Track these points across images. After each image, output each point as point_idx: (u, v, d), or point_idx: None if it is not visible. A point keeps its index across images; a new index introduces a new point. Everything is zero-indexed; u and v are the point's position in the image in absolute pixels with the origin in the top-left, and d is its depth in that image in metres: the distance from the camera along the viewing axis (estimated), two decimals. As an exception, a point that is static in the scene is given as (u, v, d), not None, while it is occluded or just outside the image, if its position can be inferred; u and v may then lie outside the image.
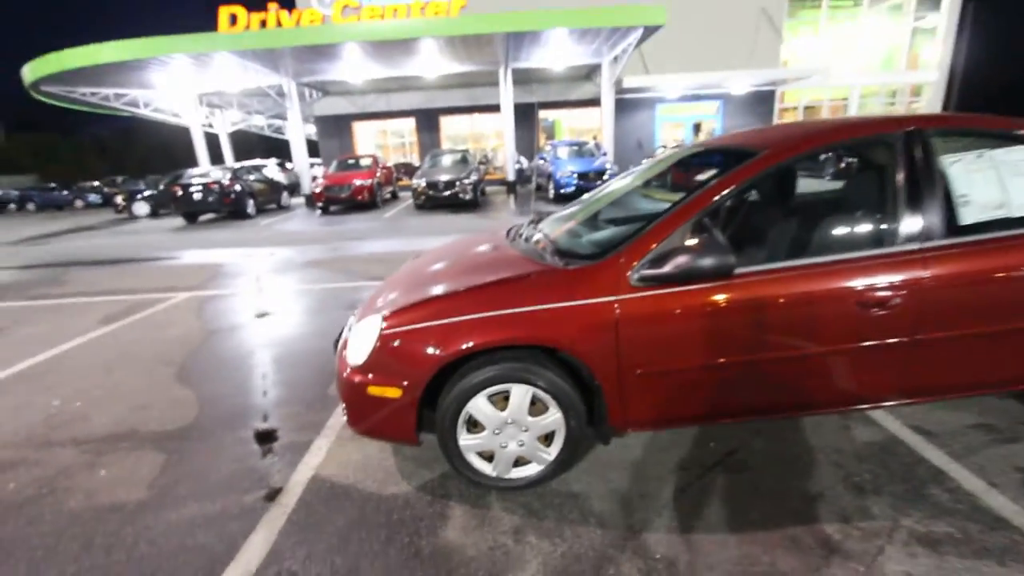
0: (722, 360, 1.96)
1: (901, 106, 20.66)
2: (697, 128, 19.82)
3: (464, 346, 1.92)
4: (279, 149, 26.05)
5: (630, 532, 1.88)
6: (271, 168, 18.51)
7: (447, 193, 12.51)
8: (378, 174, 14.29)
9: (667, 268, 1.84)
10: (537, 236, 2.54)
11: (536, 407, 2.02)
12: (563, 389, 1.97)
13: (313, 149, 19.24)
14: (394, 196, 16.30)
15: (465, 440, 2.05)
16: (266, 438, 2.64)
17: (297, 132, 14.89)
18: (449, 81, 17.01)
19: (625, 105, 18.68)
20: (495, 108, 17.95)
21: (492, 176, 17.95)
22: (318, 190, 13.49)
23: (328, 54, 12.57)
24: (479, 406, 1.99)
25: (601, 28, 11.89)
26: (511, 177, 15.35)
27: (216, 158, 18.28)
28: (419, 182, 12.69)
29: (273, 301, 5.28)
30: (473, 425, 2.05)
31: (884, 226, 2.01)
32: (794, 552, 1.74)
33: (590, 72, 17.18)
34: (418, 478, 2.26)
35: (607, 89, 14.61)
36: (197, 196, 13.13)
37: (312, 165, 17.90)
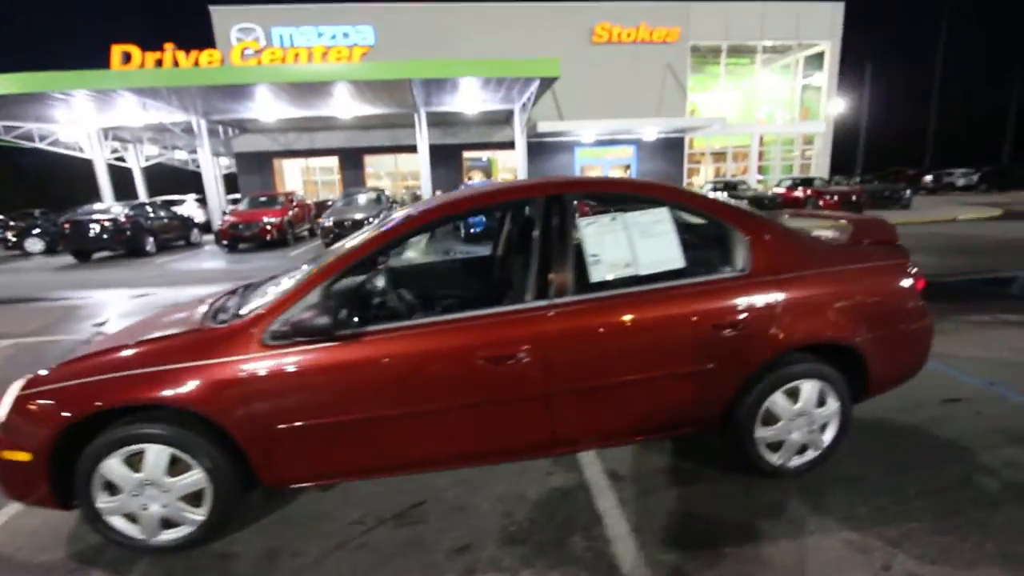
0: (360, 415, 2.00)
1: (797, 151, 22.63)
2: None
3: (91, 406, 1.88)
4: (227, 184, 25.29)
5: (248, 596, 1.84)
6: (189, 204, 17.94)
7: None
8: (290, 212, 14.10)
9: (285, 327, 1.90)
10: (226, 299, 2.55)
11: (179, 467, 1.98)
12: (202, 448, 1.95)
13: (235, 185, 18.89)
14: (312, 233, 16.08)
15: (103, 503, 1.98)
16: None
17: (208, 168, 14.58)
18: (371, 121, 17.26)
19: (545, 148, 19.50)
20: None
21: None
22: (224, 227, 13.16)
23: (235, 94, 12.52)
24: (111, 467, 1.94)
25: (503, 78, 12.49)
26: (429, 216, 15.51)
27: (132, 194, 17.60)
28: (327, 221, 12.61)
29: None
30: (112, 487, 1.99)
31: (518, 284, 2.16)
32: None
33: (508, 117, 17.85)
34: (82, 543, 2.15)
35: (519, 133, 15.22)
36: (91, 233, 12.50)
37: (233, 201, 17.50)
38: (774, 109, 23.11)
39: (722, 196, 15.43)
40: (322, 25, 17.63)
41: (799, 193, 16.29)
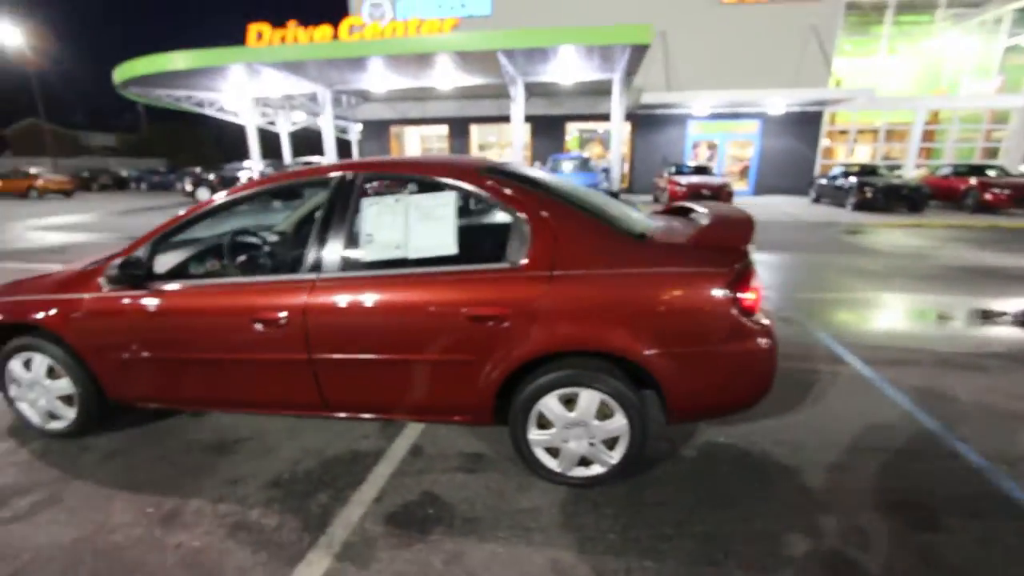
0: (162, 355, 2.38)
1: (980, 134, 18.02)
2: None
3: None
4: (344, 148, 28.39)
5: None
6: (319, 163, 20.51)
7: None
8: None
9: (109, 274, 2.31)
10: None
11: (56, 374, 2.57)
12: (69, 364, 2.50)
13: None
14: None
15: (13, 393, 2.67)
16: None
17: (329, 134, 16.45)
18: (478, 91, 17.71)
19: (655, 121, 18.27)
20: (524, 119, 18.47)
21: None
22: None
23: (349, 66, 13.84)
24: (12, 368, 2.59)
25: (595, 46, 11.94)
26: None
27: (279, 155, 20.74)
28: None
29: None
30: (16, 382, 2.65)
31: (298, 256, 2.31)
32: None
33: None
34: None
35: (616, 104, 14.48)
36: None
37: None
38: (959, 78, 18.59)
39: (848, 182, 13.11)
40: (441, -4, 18.40)
41: (958, 182, 13.18)
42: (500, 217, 2.37)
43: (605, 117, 18.70)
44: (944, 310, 4.98)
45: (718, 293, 1.96)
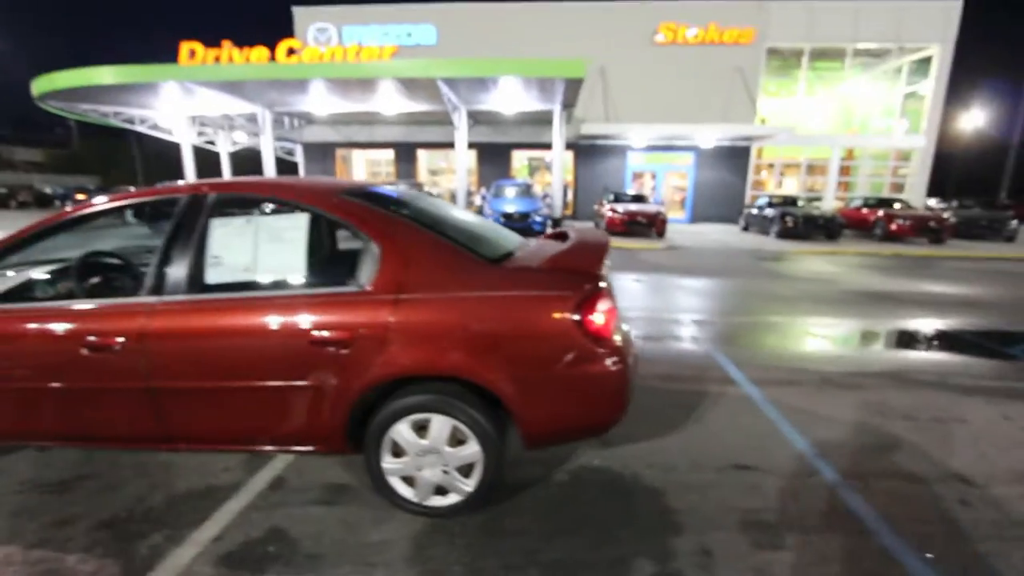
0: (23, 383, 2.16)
1: (888, 170, 19.80)
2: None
3: None
4: (288, 170, 27.78)
5: None
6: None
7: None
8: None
9: None
10: None
11: None
12: None
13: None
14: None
15: None
16: None
17: (268, 155, 16.05)
18: (424, 118, 17.88)
19: (596, 151, 18.96)
20: (470, 146, 18.72)
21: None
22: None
23: (289, 88, 13.65)
24: None
25: (535, 78, 12.34)
26: (462, 212, 15.81)
27: (217, 175, 19.95)
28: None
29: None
30: None
31: (138, 278, 2.19)
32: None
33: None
34: None
35: (557, 134, 14.94)
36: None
37: None
38: (869, 119, 20.43)
39: (771, 212, 14.06)
40: (388, 24, 18.62)
41: (868, 214, 14.33)
42: (356, 241, 2.33)
43: (549, 146, 19.29)
44: (836, 333, 5.30)
45: (562, 316, 1.99)
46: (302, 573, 1.89)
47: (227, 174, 20.57)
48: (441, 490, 2.17)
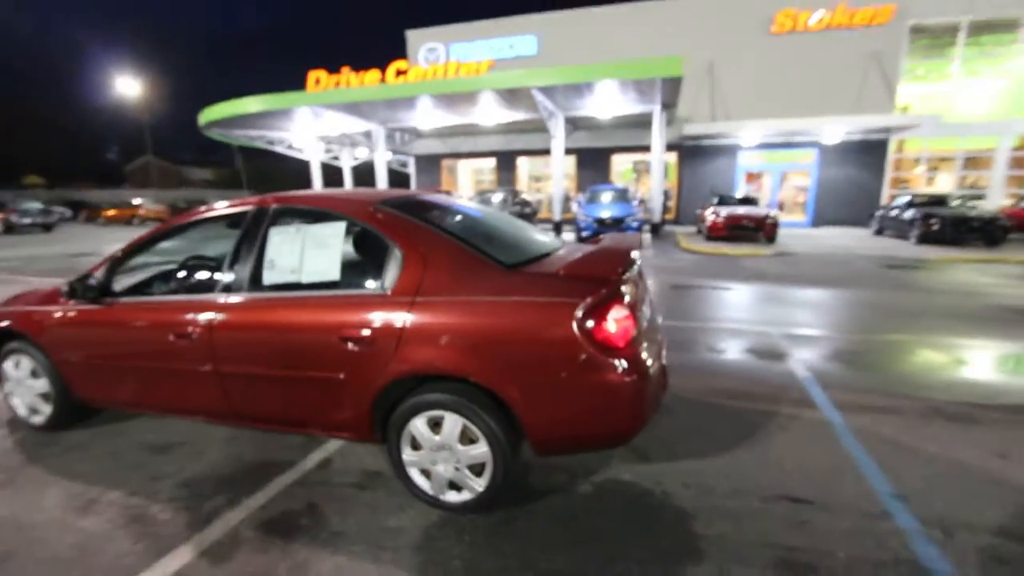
0: (114, 362, 2.70)
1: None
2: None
3: None
4: (403, 180, 30.04)
5: None
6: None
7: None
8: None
9: (63, 289, 2.70)
10: None
11: (36, 374, 2.98)
12: (45, 365, 2.90)
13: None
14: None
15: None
16: None
17: (382, 167, 17.58)
18: (524, 126, 18.27)
19: (699, 152, 17.90)
20: (569, 151, 18.77)
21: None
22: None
23: (397, 105, 14.87)
24: (5, 368, 3.04)
25: (631, 80, 12.05)
26: (557, 217, 15.90)
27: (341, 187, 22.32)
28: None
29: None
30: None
31: (215, 278, 2.57)
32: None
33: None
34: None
35: (657, 136, 14.40)
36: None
37: None
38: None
39: (911, 214, 11.98)
40: (492, 38, 19.39)
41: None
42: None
43: (649, 148, 18.65)
44: (962, 355, 4.46)
45: (568, 323, 1.96)
46: (322, 546, 2.08)
47: (348, 185, 22.88)
48: (455, 486, 2.25)
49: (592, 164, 19.53)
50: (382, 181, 17.62)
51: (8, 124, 58.60)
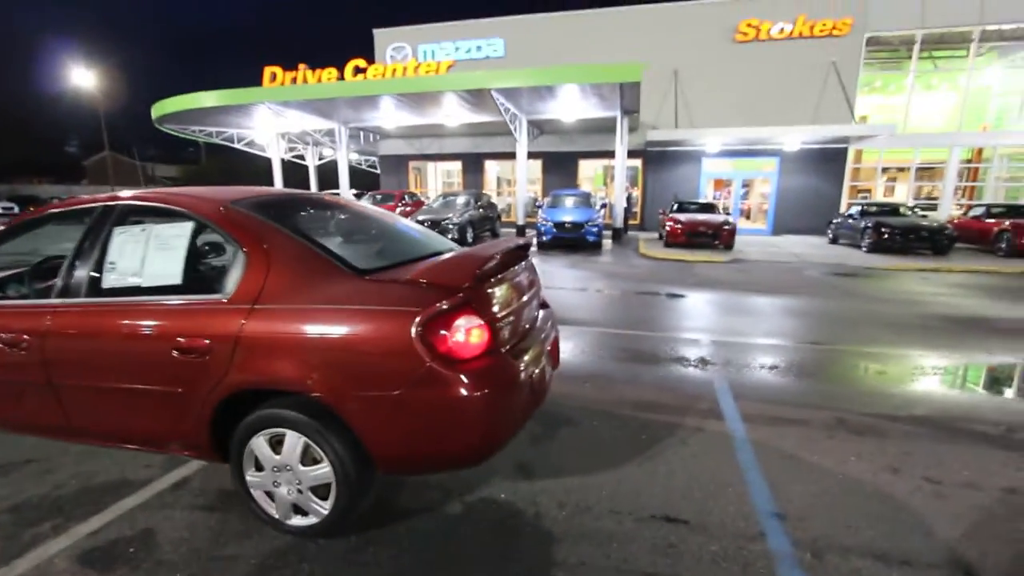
0: None
1: (1025, 174, 16.62)
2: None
3: None
4: (373, 181, 29.56)
5: None
6: (347, 196, 21.44)
7: (436, 231, 13.47)
8: (398, 209, 15.87)
9: None
10: None
11: None
12: None
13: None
14: (422, 229, 17.76)
15: None
16: None
17: (344, 168, 17.23)
18: (491, 128, 18.08)
19: (664, 158, 18.03)
20: (535, 155, 18.71)
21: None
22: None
23: (359, 104, 14.57)
24: None
25: (592, 84, 12.03)
26: (520, 221, 15.79)
27: (305, 187, 21.84)
28: (418, 217, 13.84)
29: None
30: None
31: (43, 281, 2.34)
32: None
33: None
34: None
35: (620, 142, 14.44)
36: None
37: (357, 195, 20.24)
38: (1006, 113, 17.40)
39: (866, 221, 12.23)
40: (459, 40, 19.22)
41: (991, 224, 12.11)
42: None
43: (614, 154, 18.73)
44: (885, 365, 4.47)
45: (406, 334, 1.81)
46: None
47: (314, 186, 22.40)
48: (301, 510, 2.08)
49: (559, 169, 19.49)
50: (345, 180, 17.27)
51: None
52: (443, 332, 1.84)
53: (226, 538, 2.12)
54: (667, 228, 13.06)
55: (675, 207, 14.21)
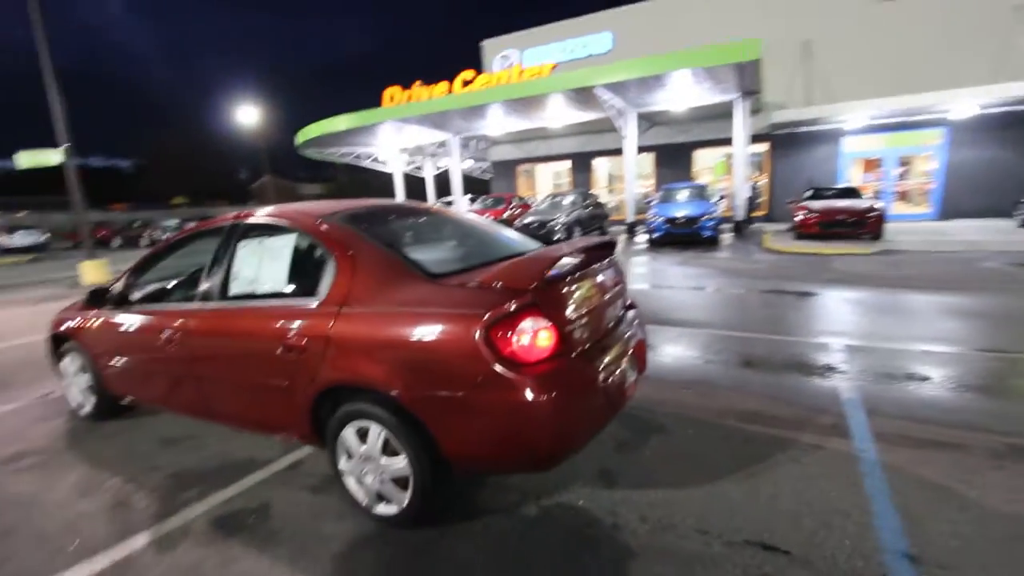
0: (133, 360, 3.05)
1: None
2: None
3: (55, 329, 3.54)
4: (484, 187, 30.70)
5: None
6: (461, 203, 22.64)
7: (543, 232, 13.56)
8: (506, 212, 16.32)
9: (83, 298, 3.10)
10: None
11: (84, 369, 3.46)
12: (86, 364, 3.36)
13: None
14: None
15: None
16: None
17: (457, 177, 18.17)
18: (599, 126, 17.76)
19: (795, 141, 16.16)
20: (647, 149, 17.97)
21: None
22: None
23: (468, 114, 15.26)
24: (63, 365, 3.58)
25: (703, 68, 11.22)
26: (630, 218, 15.28)
27: (423, 197, 23.48)
28: (526, 219, 14.05)
29: None
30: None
31: (192, 288, 2.78)
32: (74, 481, 2.79)
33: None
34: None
35: (738, 126, 13.26)
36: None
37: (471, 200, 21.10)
38: None
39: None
40: (566, 39, 19.15)
41: None
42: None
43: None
44: (1090, 379, 3.51)
45: (469, 336, 1.84)
46: (254, 544, 2.16)
47: (431, 196, 23.92)
48: (384, 498, 2.22)
49: (673, 161, 18.47)
50: (458, 188, 18.19)
51: (165, 152, 70.80)
52: (508, 334, 1.84)
53: (325, 518, 2.34)
54: (798, 218, 11.69)
55: (808, 194, 12.65)
